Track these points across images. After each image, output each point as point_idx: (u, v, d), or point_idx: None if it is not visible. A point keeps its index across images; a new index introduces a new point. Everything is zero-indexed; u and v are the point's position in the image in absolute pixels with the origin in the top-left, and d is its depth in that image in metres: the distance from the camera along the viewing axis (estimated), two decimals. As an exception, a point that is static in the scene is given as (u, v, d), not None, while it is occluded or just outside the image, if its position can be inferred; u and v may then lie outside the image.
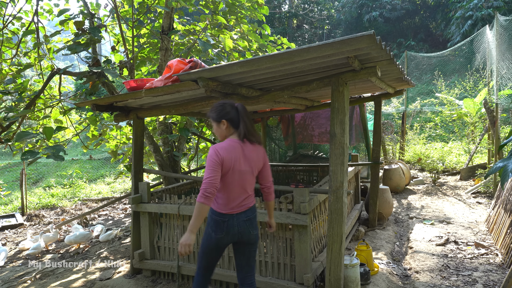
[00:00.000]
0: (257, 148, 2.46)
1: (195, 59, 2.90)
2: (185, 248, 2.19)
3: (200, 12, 5.94)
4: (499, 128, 6.64)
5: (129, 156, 6.65)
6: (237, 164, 2.32)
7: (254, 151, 2.43)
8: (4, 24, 5.25)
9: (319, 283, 3.22)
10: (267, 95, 3.13)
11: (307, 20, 27.36)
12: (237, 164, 2.32)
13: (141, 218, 3.84)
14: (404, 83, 3.95)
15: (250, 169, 2.40)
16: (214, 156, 2.23)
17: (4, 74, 5.56)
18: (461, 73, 12.23)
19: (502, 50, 6.77)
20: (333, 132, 2.74)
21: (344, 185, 2.73)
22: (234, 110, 2.38)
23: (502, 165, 2.12)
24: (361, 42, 2.00)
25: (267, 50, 6.48)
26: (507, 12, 15.34)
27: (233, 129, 2.39)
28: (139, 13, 5.60)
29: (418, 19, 24.02)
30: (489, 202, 6.18)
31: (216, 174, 2.21)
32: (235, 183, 2.34)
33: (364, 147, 7.68)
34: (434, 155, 8.73)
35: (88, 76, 4.71)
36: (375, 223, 5.17)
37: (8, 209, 8.66)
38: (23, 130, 5.42)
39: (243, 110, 2.40)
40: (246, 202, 2.43)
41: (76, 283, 3.89)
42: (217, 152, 2.25)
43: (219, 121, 2.38)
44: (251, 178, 2.43)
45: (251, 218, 2.45)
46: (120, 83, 10.69)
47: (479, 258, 3.94)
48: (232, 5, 5.71)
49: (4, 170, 14.33)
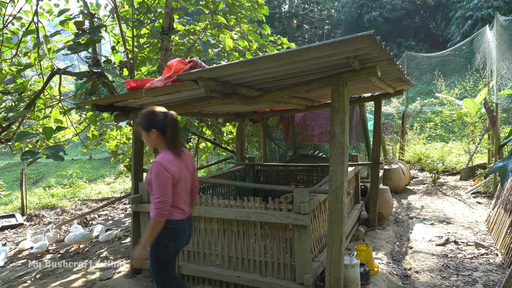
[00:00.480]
0: (186, 152, 2.55)
1: (195, 59, 2.90)
2: (139, 262, 2.31)
3: (200, 12, 5.95)
4: (499, 128, 6.65)
5: (129, 156, 6.65)
6: (182, 173, 2.40)
7: (188, 157, 2.54)
8: (4, 24, 5.25)
9: (319, 283, 3.22)
10: (267, 95, 3.13)
11: (307, 20, 27.37)
12: (182, 173, 2.40)
13: (141, 218, 3.84)
14: (404, 83, 3.95)
15: (190, 174, 2.53)
16: (165, 173, 2.26)
17: (4, 74, 5.56)
18: (461, 73, 12.23)
19: (502, 50, 6.77)
20: (333, 132, 2.74)
21: (344, 185, 2.73)
22: (163, 119, 2.39)
23: (502, 165, 2.12)
24: (361, 42, 2.00)
25: (267, 50, 6.48)
26: (507, 12, 15.34)
27: (163, 137, 2.40)
28: (139, 13, 5.60)
29: (418, 19, 24.03)
30: (489, 202, 6.18)
31: (168, 192, 2.28)
32: (182, 190, 2.44)
33: (364, 147, 7.67)
34: (434, 155, 8.72)
35: (88, 76, 4.71)
36: (375, 223, 5.17)
37: (8, 209, 8.66)
38: (23, 130, 5.42)
39: (172, 119, 2.42)
40: (189, 207, 2.57)
41: (76, 283, 3.89)
42: (167, 167, 2.28)
43: (149, 130, 2.38)
44: (189, 182, 2.55)
45: (191, 221, 2.59)
46: (120, 83, 10.68)
47: (479, 258, 3.94)
48: (232, 5, 5.71)
49: (4, 170, 14.33)
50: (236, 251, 3.37)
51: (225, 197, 5.36)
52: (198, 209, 3.42)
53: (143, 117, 2.40)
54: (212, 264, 3.51)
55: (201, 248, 3.56)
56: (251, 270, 3.30)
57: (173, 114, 2.45)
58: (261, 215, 3.10)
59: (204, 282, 3.55)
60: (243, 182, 5.03)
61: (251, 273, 3.29)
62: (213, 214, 3.35)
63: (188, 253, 3.64)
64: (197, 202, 3.44)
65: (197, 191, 2.74)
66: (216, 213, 3.33)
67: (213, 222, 3.47)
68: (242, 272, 3.33)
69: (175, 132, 2.41)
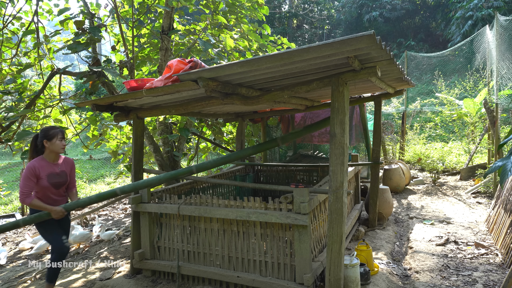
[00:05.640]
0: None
1: (195, 59, 2.90)
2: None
3: (200, 12, 5.95)
4: (499, 128, 6.65)
5: (129, 156, 6.65)
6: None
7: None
8: (4, 24, 5.25)
9: (319, 283, 3.22)
10: (267, 95, 3.12)
11: (307, 20, 27.37)
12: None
13: (141, 218, 3.84)
14: (404, 83, 3.95)
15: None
16: None
17: (4, 74, 5.56)
18: (461, 73, 12.23)
19: (502, 50, 6.77)
20: (333, 132, 2.74)
21: (344, 185, 2.73)
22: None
23: (501, 164, 2.12)
24: (361, 42, 2.00)
25: (267, 50, 6.48)
26: (507, 12, 15.34)
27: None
28: (139, 13, 5.60)
29: (418, 19, 24.03)
30: (489, 202, 6.18)
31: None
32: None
33: (364, 147, 7.68)
34: (434, 155, 8.72)
35: (88, 76, 4.71)
36: (375, 223, 5.17)
37: (8, 209, 8.66)
38: (24, 129, 5.42)
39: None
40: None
41: (76, 283, 3.89)
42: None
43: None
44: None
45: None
46: (120, 83, 10.68)
47: (479, 258, 3.94)
48: (232, 5, 5.71)
49: (4, 170, 14.34)
50: (236, 251, 3.37)
51: (225, 197, 5.37)
52: (198, 209, 3.42)
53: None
54: (212, 264, 3.51)
55: (201, 248, 3.56)
56: (251, 270, 3.30)
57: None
58: (261, 215, 3.10)
59: (204, 282, 3.55)
60: (243, 182, 5.03)
61: (251, 273, 3.29)
62: (213, 214, 3.35)
63: (188, 253, 3.64)
64: (197, 202, 3.47)
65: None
66: (216, 213, 3.33)
67: (213, 222, 3.47)
68: (242, 272, 3.33)
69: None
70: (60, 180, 3.34)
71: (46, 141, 3.25)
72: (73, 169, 3.52)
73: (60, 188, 3.37)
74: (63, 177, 3.38)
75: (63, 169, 3.40)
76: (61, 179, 3.36)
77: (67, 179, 3.43)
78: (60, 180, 3.34)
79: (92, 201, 3.48)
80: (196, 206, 3.48)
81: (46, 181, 3.22)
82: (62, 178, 3.37)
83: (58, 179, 3.32)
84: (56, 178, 3.31)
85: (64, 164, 3.43)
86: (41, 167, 3.22)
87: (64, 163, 3.44)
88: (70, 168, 3.48)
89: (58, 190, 3.36)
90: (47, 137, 3.25)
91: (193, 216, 3.58)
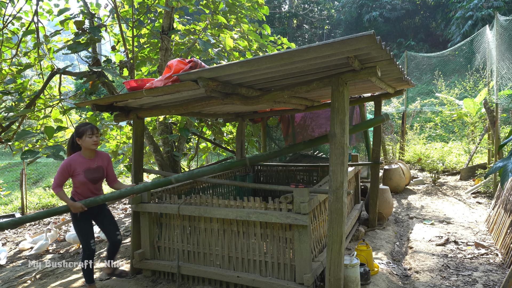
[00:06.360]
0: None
1: (195, 59, 2.90)
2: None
3: (200, 12, 5.95)
4: (499, 128, 6.65)
5: (129, 156, 6.65)
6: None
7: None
8: (4, 24, 5.25)
9: (319, 283, 3.22)
10: (267, 95, 3.12)
11: (307, 20, 27.38)
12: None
13: (141, 218, 3.84)
14: (404, 83, 3.95)
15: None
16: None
17: (4, 74, 5.56)
18: (461, 73, 12.23)
19: (502, 50, 6.77)
20: (333, 132, 2.74)
21: (344, 185, 2.73)
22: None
23: (502, 165, 2.12)
24: (361, 42, 2.00)
25: (267, 50, 6.48)
26: (507, 12, 15.35)
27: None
28: (139, 13, 5.60)
29: (418, 19, 24.03)
30: (489, 202, 6.18)
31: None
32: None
33: (364, 147, 7.68)
34: (434, 155, 8.72)
35: (88, 76, 4.71)
36: (375, 223, 5.17)
37: (8, 209, 8.66)
38: (24, 129, 5.42)
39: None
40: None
41: (76, 283, 3.89)
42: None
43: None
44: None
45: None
46: (120, 83, 10.68)
47: (479, 258, 3.94)
48: (232, 5, 5.71)
49: (4, 170, 14.33)
50: (236, 251, 3.37)
51: (225, 197, 5.37)
52: (198, 209, 3.42)
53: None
54: (212, 264, 3.51)
55: (201, 248, 3.56)
56: (251, 270, 3.30)
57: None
58: (261, 215, 3.10)
59: (204, 282, 3.55)
60: (243, 182, 5.03)
61: (251, 273, 3.29)
62: (213, 214, 3.35)
63: (188, 253, 3.64)
64: (197, 202, 3.49)
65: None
66: (216, 213, 3.33)
67: (213, 222, 3.47)
68: (242, 272, 3.33)
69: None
70: (97, 175, 3.35)
71: (78, 138, 3.27)
72: (110, 163, 3.51)
73: (97, 183, 3.39)
74: (100, 172, 3.39)
75: (100, 164, 3.39)
76: (98, 174, 3.36)
77: (104, 174, 3.44)
78: (97, 175, 3.35)
79: (147, 188, 3.46)
80: (196, 206, 3.48)
81: (84, 176, 3.25)
82: (99, 173, 3.38)
83: (95, 174, 3.33)
84: (93, 173, 3.32)
85: (101, 159, 3.43)
86: (77, 163, 3.25)
87: (100, 158, 3.43)
88: (106, 162, 3.47)
89: (95, 185, 3.38)
90: (78, 134, 3.26)
91: (193, 216, 3.58)
